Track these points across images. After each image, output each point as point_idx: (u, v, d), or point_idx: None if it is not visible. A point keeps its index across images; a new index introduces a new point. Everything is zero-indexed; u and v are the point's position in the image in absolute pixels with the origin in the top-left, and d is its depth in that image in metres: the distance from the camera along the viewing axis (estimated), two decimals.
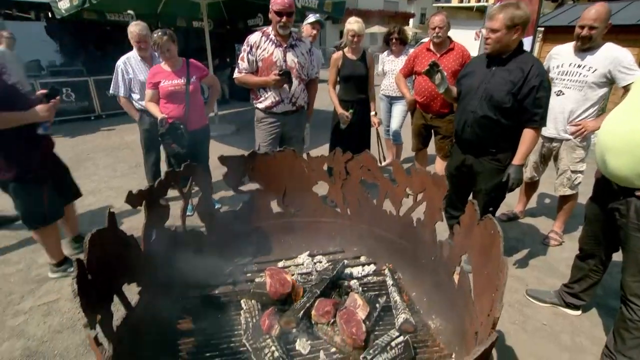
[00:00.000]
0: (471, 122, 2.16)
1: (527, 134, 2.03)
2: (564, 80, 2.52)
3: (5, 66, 2.14)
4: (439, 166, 3.46)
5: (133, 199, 1.61)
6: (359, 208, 2.25)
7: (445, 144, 3.37)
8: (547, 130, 2.67)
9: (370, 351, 1.50)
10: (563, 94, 2.53)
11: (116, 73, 3.22)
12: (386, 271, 2.10)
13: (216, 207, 3.38)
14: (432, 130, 3.46)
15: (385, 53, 4.00)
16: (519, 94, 1.97)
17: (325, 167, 2.25)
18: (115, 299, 1.40)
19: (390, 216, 2.12)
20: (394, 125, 4.11)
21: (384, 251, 2.21)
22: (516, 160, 2.09)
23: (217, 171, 2.20)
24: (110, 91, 3.32)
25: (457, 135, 2.31)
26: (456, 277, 1.61)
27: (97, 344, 0.91)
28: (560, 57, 2.54)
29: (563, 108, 2.55)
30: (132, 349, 1.34)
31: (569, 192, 2.70)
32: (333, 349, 1.61)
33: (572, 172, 2.66)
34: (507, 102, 2.00)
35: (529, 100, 1.96)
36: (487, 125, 2.11)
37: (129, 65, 3.13)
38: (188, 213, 3.43)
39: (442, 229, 2.11)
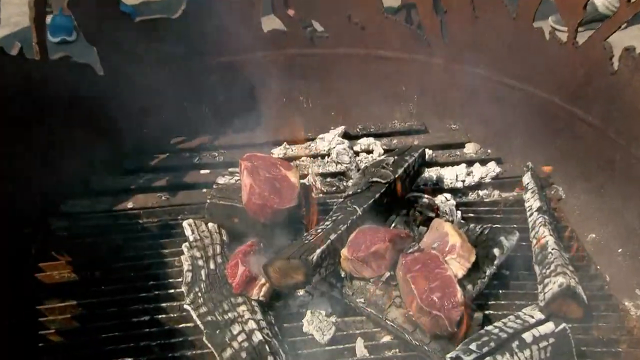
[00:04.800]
0: None
1: None
2: None
3: None
4: None
5: None
6: (472, 27, 2.21)
7: None
8: None
9: (473, 346, 1.41)
10: None
11: None
12: (527, 179, 2.10)
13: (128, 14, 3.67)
14: None
15: None
16: None
17: None
18: None
19: (550, 46, 2.07)
20: None
21: (524, 135, 2.26)
22: None
23: None
24: None
25: None
26: None
27: None
28: None
29: None
30: None
31: None
32: (386, 337, 1.61)
33: None
34: None
35: None
36: None
37: None
38: (67, 38, 3.31)
39: None
